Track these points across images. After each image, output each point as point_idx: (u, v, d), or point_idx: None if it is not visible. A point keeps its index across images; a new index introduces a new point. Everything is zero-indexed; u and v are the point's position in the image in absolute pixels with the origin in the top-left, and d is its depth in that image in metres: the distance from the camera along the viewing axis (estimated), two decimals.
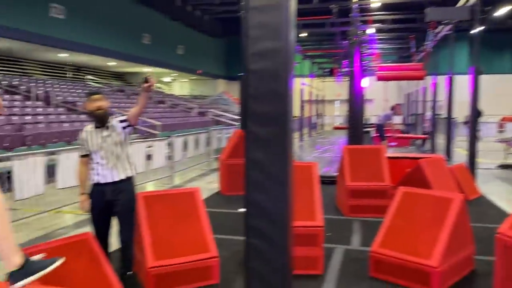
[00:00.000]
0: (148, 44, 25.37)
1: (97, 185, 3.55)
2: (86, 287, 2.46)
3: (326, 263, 4.30)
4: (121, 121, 3.63)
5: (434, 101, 14.20)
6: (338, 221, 6.04)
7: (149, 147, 9.13)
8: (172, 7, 26.10)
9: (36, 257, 2.23)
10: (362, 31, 15.73)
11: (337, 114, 40.01)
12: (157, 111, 20.08)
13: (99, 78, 27.04)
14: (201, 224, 4.00)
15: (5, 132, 9.83)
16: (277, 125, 2.02)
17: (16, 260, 2.13)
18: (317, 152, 14.60)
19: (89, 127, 3.64)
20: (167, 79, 36.40)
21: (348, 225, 5.85)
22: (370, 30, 18.35)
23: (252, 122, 2.05)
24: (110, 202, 3.52)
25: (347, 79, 22.26)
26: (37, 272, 2.15)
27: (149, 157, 8.95)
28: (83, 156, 3.65)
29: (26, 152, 6.34)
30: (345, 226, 5.82)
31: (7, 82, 16.59)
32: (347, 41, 17.75)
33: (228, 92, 36.44)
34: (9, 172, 6.08)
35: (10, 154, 6.33)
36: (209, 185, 8.84)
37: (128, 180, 3.61)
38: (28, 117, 12.08)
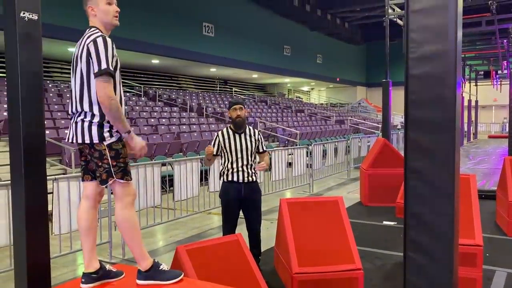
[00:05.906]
0: (288, 55, 26.18)
1: (233, 182, 4.02)
2: (236, 283, 2.63)
3: (485, 287, 3.86)
4: (259, 140, 4.14)
5: None
6: (499, 241, 5.41)
7: (290, 154, 9.38)
8: (312, 17, 26.54)
9: (164, 266, 2.57)
10: None
11: (492, 121, 35.83)
12: (296, 119, 20.54)
13: (243, 90, 28.80)
14: (345, 234, 3.93)
15: (166, 140, 11.12)
16: (442, 133, 1.89)
17: (145, 264, 2.50)
18: (470, 163, 13.21)
19: (225, 130, 4.12)
20: (305, 88, 37.06)
21: None
22: None
23: (412, 129, 1.95)
24: (244, 198, 4.04)
25: (506, 82, 19.74)
26: (158, 280, 2.48)
27: (289, 164, 9.19)
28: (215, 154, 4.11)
29: (184, 158, 7.05)
30: (509, 247, 5.19)
31: (166, 95, 18.85)
32: (506, 40, 15.80)
33: (367, 99, 35.47)
34: (169, 176, 6.85)
35: (171, 160, 7.10)
36: (349, 195, 8.67)
37: (257, 181, 4.17)
38: (184, 127, 13.49)
